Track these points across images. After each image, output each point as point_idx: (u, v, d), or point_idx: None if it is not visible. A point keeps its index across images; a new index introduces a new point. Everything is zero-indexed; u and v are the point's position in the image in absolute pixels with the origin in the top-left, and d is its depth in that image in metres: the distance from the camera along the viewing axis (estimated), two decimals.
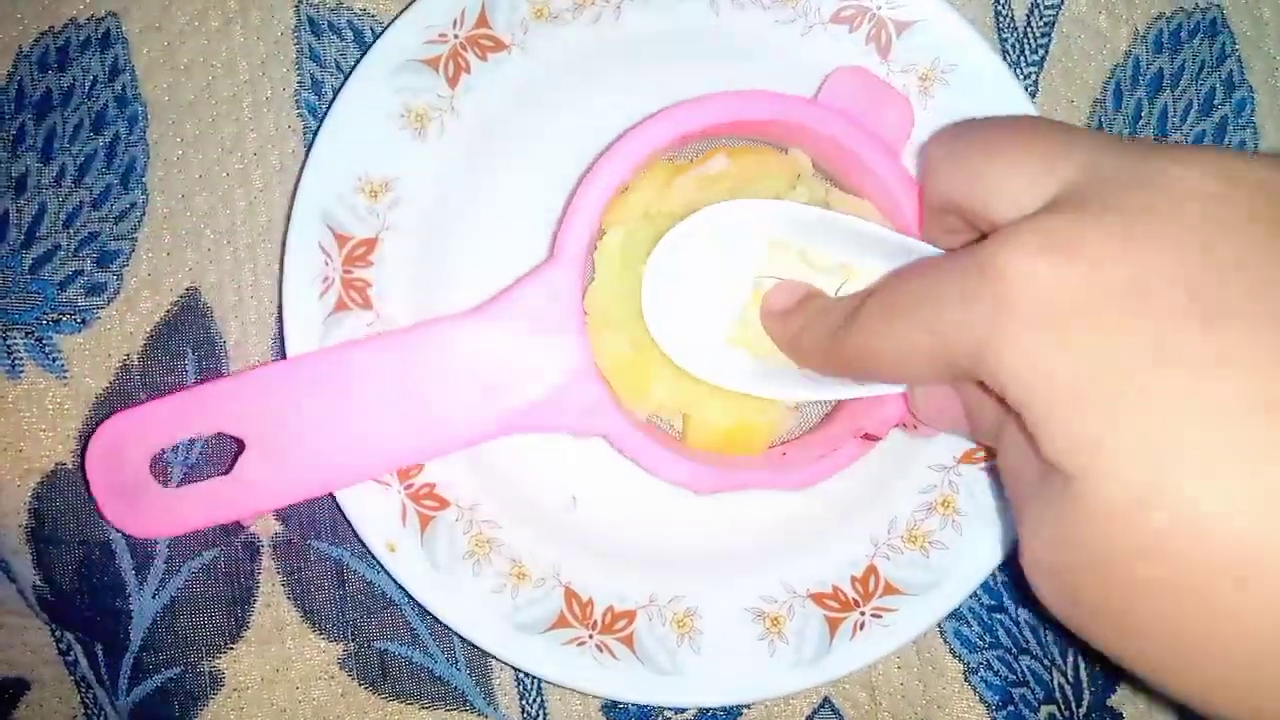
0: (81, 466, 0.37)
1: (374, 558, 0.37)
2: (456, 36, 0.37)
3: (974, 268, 0.24)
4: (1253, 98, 0.42)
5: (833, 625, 0.37)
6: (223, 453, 0.39)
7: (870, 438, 0.35)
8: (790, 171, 0.36)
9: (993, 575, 0.39)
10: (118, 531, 0.35)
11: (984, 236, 0.27)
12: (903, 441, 0.37)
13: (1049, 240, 0.23)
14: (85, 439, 0.39)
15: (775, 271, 0.35)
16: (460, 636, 0.38)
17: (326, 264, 0.37)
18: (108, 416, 0.39)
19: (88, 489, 0.34)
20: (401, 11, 0.37)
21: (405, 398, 0.34)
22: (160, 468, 0.39)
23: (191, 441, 0.39)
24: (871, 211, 0.36)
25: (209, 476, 0.34)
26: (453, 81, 0.37)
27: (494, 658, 0.39)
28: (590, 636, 0.37)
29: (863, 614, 0.37)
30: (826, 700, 0.40)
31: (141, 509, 0.34)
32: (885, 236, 0.33)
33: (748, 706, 0.40)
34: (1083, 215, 0.23)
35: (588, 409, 0.34)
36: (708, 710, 0.40)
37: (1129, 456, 0.21)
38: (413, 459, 0.35)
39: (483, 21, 0.37)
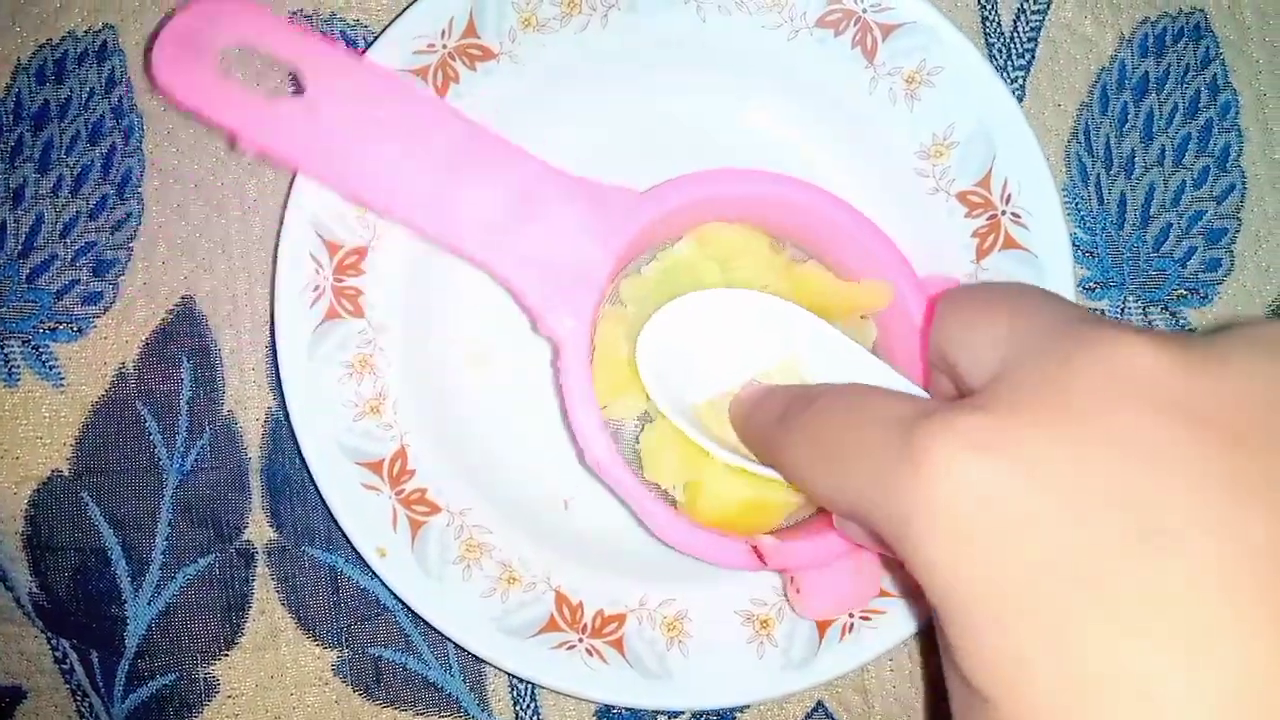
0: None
1: (368, 564, 0.37)
2: (445, 46, 0.37)
3: (904, 449, 0.22)
4: (1237, 100, 0.42)
5: (821, 628, 0.37)
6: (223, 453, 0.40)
7: (756, 554, 0.34)
8: (855, 307, 0.37)
9: None
10: (161, 91, 0.34)
11: None
12: None
13: (980, 436, 0.21)
14: (81, 447, 0.40)
15: (771, 377, 0.34)
16: (452, 641, 0.38)
17: (317, 272, 0.37)
18: (104, 424, 0.39)
19: (155, 34, 0.33)
20: (391, 22, 0.37)
21: (451, 170, 0.34)
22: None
23: (192, 441, 0.40)
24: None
25: None
26: (441, 91, 0.37)
27: (484, 662, 0.39)
28: (580, 640, 0.37)
29: (851, 617, 0.37)
30: (820, 704, 0.40)
31: (191, 75, 0.33)
32: (894, 379, 0.33)
33: (741, 710, 0.40)
34: (1015, 408, 0.22)
35: (568, 306, 0.34)
36: (700, 714, 0.40)
37: (1047, 688, 0.20)
38: (412, 221, 0.35)
39: (471, 31, 0.37)
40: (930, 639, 0.40)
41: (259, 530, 0.40)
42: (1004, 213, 0.38)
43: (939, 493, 0.21)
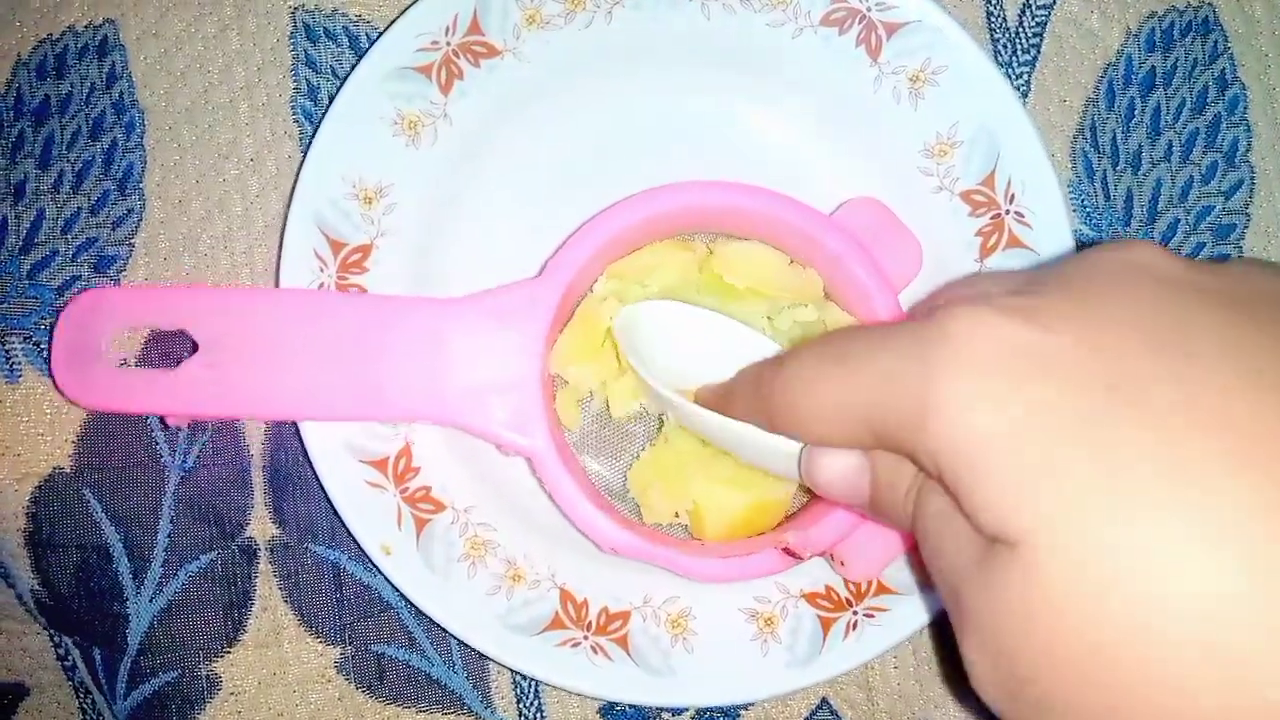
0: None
1: (371, 561, 0.37)
2: (449, 43, 0.37)
3: (924, 324, 0.23)
4: (1245, 95, 0.42)
5: (826, 625, 0.37)
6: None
7: (790, 554, 0.34)
8: (806, 291, 0.37)
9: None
10: (65, 397, 0.37)
11: None
12: None
13: (1003, 304, 0.22)
14: (82, 443, 0.39)
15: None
16: (455, 638, 0.38)
17: (321, 270, 0.37)
18: (105, 421, 0.39)
19: (49, 351, 0.36)
20: (396, 18, 0.37)
21: (355, 354, 0.35)
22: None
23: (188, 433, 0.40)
24: None
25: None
26: (445, 88, 0.37)
27: (489, 659, 0.39)
28: (585, 638, 0.37)
29: (855, 614, 0.37)
30: (824, 701, 0.40)
31: (88, 379, 0.36)
32: None
33: (745, 707, 0.40)
34: (1048, 289, 0.23)
35: (519, 421, 0.35)
36: (704, 711, 0.40)
37: (1079, 521, 0.20)
38: (340, 415, 0.36)
39: (475, 28, 0.37)
40: (942, 628, 0.40)
41: (261, 527, 0.40)
42: (1008, 212, 0.38)
43: (967, 347, 0.22)
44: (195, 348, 0.35)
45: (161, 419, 0.39)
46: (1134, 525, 0.19)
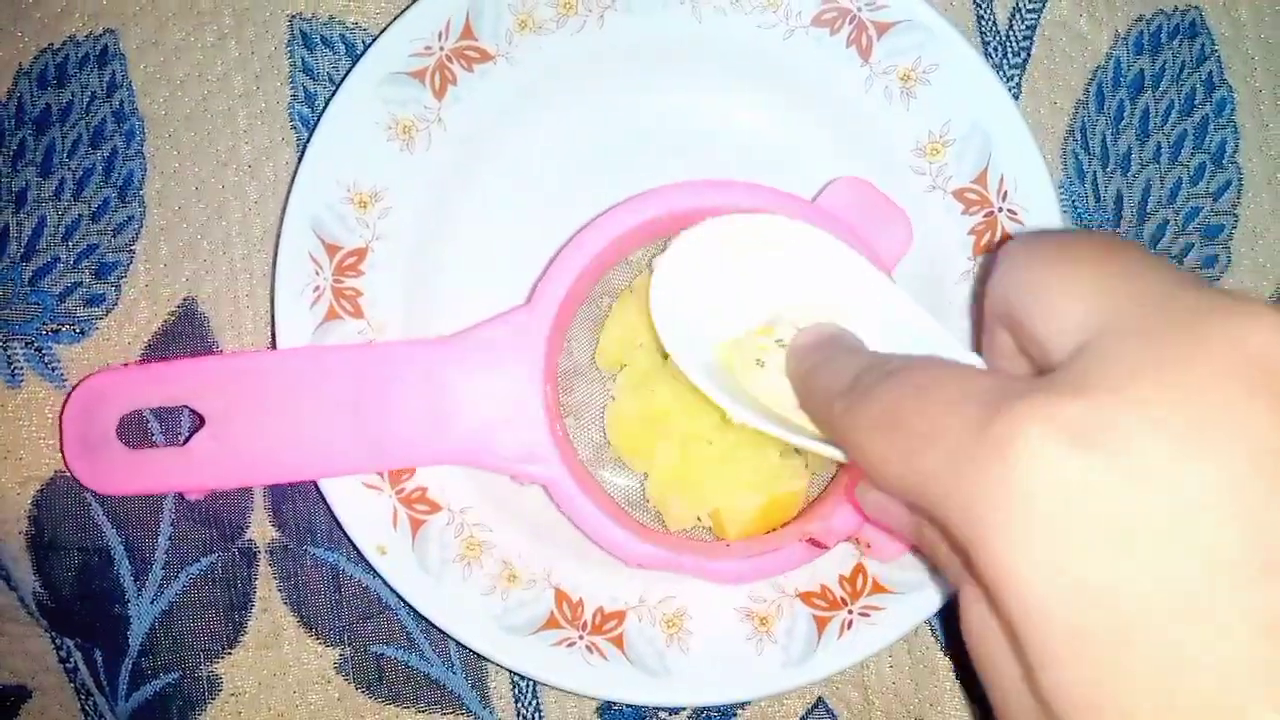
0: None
1: (369, 563, 0.37)
2: (442, 49, 0.37)
3: (986, 434, 0.20)
4: (1232, 97, 0.42)
5: (821, 624, 0.38)
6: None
7: (815, 544, 0.34)
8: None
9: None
10: (84, 487, 0.37)
11: (1040, 374, 0.22)
12: None
13: (1075, 425, 0.18)
14: None
15: (801, 323, 0.33)
16: (452, 639, 0.38)
17: (317, 274, 0.37)
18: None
19: (61, 440, 0.36)
20: (388, 25, 0.38)
21: (358, 409, 0.35)
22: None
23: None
24: None
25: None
26: (439, 93, 0.38)
27: (484, 659, 0.39)
28: (580, 637, 0.37)
29: (850, 613, 0.38)
30: (820, 700, 0.41)
31: (102, 464, 0.36)
32: (930, 328, 0.31)
33: (742, 707, 0.40)
34: (1119, 391, 0.19)
35: (529, 453, 0.35)
36: (700, 710, 0.40)
37: None
38: (355, 470, 0.36)
39: (468, 33, 0.38)
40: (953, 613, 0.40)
41: (261, 529, 0.40)
42: (1001, 209, 0.38)
43: (1024, 486, 0.18)
44: (201, 420, 0.35)
45: (179, 494, 0.39)
46: None
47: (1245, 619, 0.17)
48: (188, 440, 0.35)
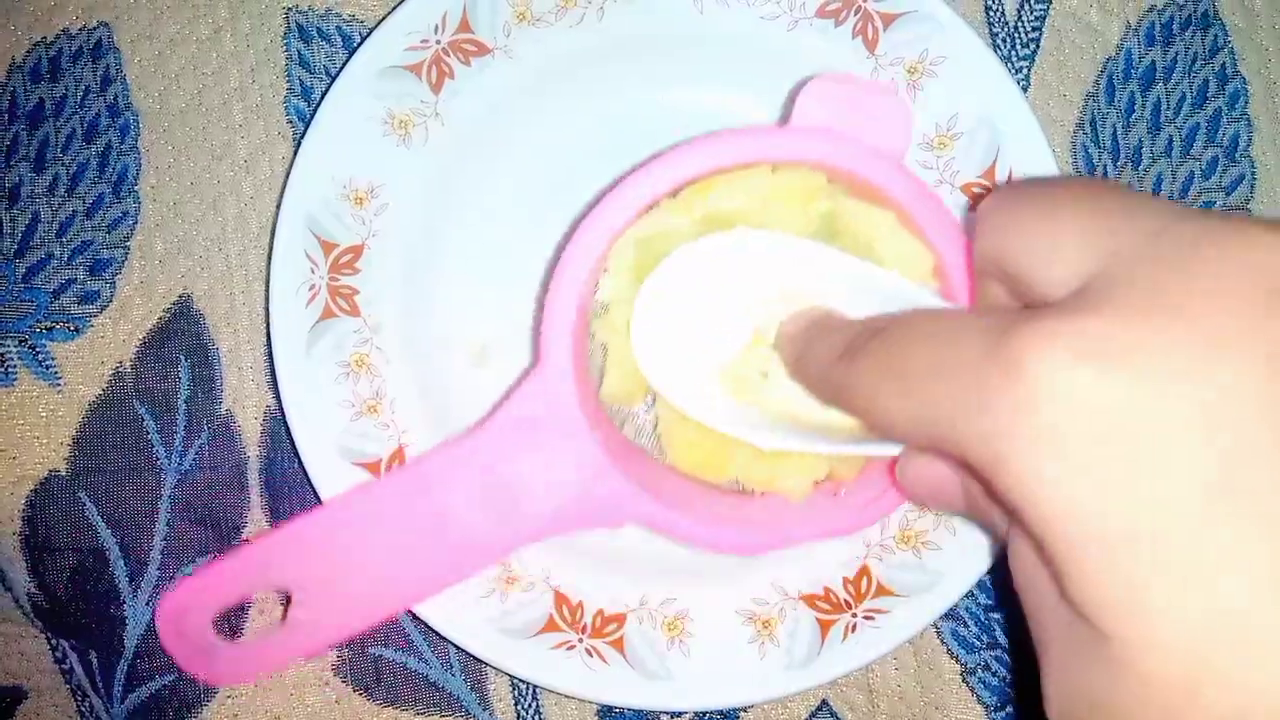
0: (155, 634, 0.38)
1: None
2: (439, 42, 0.37)
3: (996, 360, 0.20)
4: (1246, 89, 0.41)
5: (824, 627, 0.37)
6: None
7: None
8: (805, 189, 0.33)
9: (988, 574, 0.39)
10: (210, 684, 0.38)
11: None
12: None
13: (1092, 342, 0.19)
14: (78, 446, 0.39)
15: (786, 312, 0.32)
16: (449, 641, 0.37)
17: (313, 271, 0.37)
18: (101, 423, 0.39)
19: (169, 657, 0.35)
20: (384, 18, 0.37)
21: (429, 529, 0.34)
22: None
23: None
24: (892, 224, 0.32)
25: None
26: (436, 87, 0.37)
27: (483, 661, 0.39)
28: (580, 640, 0.37)
29: (854, 616, 0.37)
30: (824, 703, 0.40)
31: (219, 665, 0.35)
32: (899, 288, 0.30)
33: (744, 710, 0.40)
34: (1137, 311, 0.19)
35: (612, 504, 0.33)
36: (702, 714, 0.40)
37: (1178, 625, 0.18)
38: (449, 584, 0.35)
39: (465, 26, 0.37)
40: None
41: (258, 529, 0.40)
42: None
43: (1042, 405, 0.19)
44: (289, 597, 0.35)
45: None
46: (1247, 648, 0.17)
47: (1271, 518, 0.17)
48: (284, 615, 0.35)
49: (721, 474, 0.34)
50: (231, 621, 0.39)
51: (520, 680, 0.40)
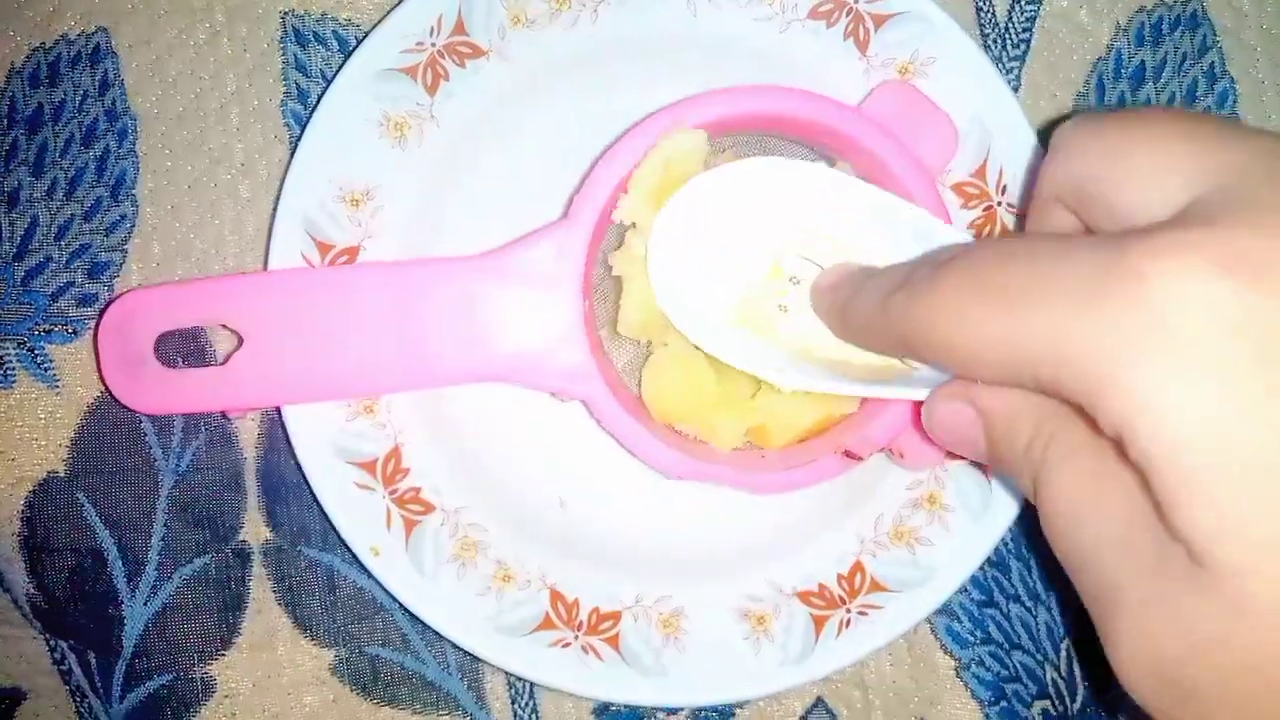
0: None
1: (363, 564, 0.37)
2: (434, 44, 0.37)
3: (1116, 272, 0.18)
4: (1234, 89, 0.42)
5: (819, 623, 0.37)
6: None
7: (851, 456, 0.34)
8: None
9: (982, 570, 0.39)
10: (121, 404, 0.36)
11: None
12: None
13: (1229, 255, 0.18)
14: (77, 448, 0.40)
15: (804, 252, 0.32)
16: (447, 640, 0.38)
17: None
18: (99, 425, 0.39)
19: (97, 359, 0.35)
20: (379, 21, 0.37)
21: (398, 326, 0.34)
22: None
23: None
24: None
25: None
26: (431, 89, 0.37)
27: (481, 660, 0.39)
28: (576, 637, 0.37)
29: (849, 611, 0.37)
30: (820, 700, 0.40)
31: (141, 383, 0.35)
32: (934, 225, 0.30)
33: (740, 707, 0.40)
34: (1259, 226, 0.18)
35: (571, 372, 0.34)
36: (699, 711, 0.40)
37: None
38: (395, 388, 0.36)
39: (460, 28, 0.37)
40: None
41: (255, 530, 0.40)
42: (1000, 203, 0.38)
43: (1171, 317, 0.18)
44: (240, 340, 0.35)
45: (222, 413, 0.39)
46: None
47: None
48: (226, 360, 0.35)
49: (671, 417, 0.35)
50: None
51: (516, 678, 0.40)
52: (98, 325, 0.35)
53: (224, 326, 0.36)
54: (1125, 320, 0.18)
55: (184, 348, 0.40)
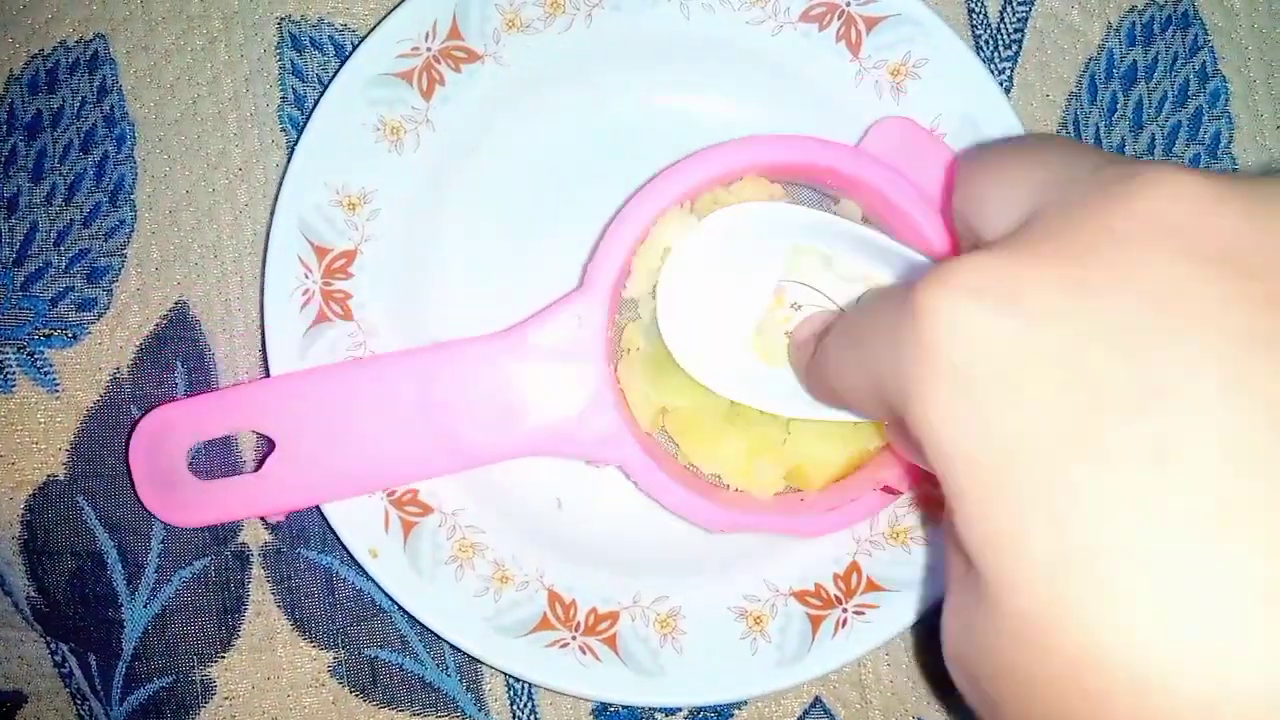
0: (125, 457, 0.37)
1: (362, 565, 0.37)
2: (429, 49, 0.37)
3: (905, 304, 0.20)
4: (1226, 87, 0.42)
5: (815, 623, 0.37)
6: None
7: (890, 491, 0.35)
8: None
9: None
10: (156, 519, 0.37)
11: None
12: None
13: (981, 281, 0.19)
14: (76, 451, 0.40)
15: (799, 277, 0.34)
16: (446, 641, 0.38)
17: (306, 276, 0.37)
18: (99, 429, 0.40)
19: (130, 478, 0.35)
20: (375, 26, 0.37)
21: (427, 414, 0.35)
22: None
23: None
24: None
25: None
26: (427, 93, 0.38)
27: (480, 662, 0.39)
28: (573, 638, 0.37)
29: (845, 611, 0.37)
30: (818, 700, 0.40)
31: (177, 499, 0.35)
32: (892, 247, 0.33)
33: (738, 707, 0.40)
34: (1026, 252, 0.20)
35: (603, 438, 0.35)
36: (696, 711, 0.40)
37: (1045, 567, 0.18)
38: (431, 474, 0.36)
39: (455, 33, 0.37)
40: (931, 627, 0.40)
41: (254, 532, 0.40)
42: None
43: (934, 342, 0.19)
44: (271, 444, 0.35)
45: (263, 518, 0.39)
46: (1105, 594, 0.17)
47: (1130, 447, 0.17)
48: (259, 467, 0.35)
49: (709, 462, 0.36)
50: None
51: (515, 679, 0.40)
52: (128, 443, 0.36)
53: (257, 430, 0.36)
54: (906, 354, 0.20)
55: (212, 448, 0.40)
